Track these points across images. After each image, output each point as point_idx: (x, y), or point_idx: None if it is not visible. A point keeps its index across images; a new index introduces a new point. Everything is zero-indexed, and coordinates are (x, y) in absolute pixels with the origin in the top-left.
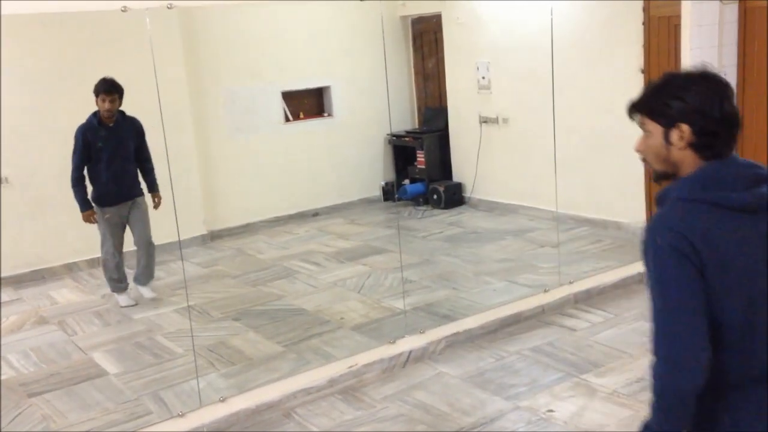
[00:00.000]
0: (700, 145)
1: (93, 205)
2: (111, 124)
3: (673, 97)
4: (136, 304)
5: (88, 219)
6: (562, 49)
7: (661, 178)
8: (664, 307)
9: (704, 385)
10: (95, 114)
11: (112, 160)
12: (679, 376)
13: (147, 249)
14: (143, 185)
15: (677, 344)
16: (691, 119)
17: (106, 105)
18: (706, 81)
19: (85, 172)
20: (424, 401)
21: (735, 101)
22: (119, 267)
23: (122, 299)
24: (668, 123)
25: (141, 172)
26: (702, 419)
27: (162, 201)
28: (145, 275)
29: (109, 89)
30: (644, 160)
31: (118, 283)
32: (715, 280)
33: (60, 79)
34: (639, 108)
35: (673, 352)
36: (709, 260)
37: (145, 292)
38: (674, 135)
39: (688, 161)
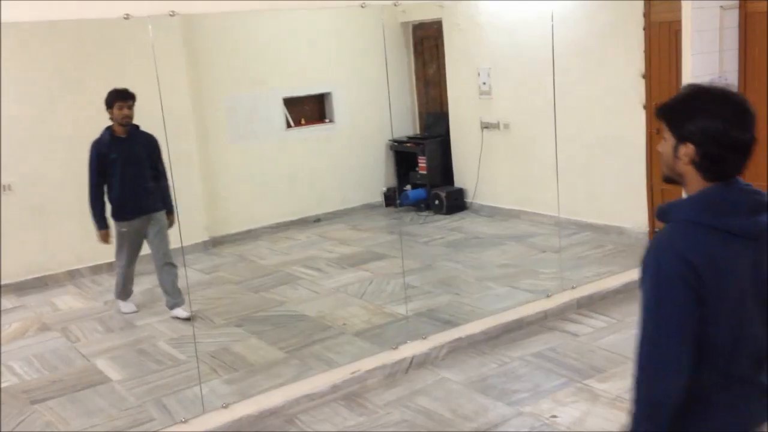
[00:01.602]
0: (703, 166)
1: (111, 219)
2: (124, 136)
3: (687, 115)
4: (138, 311)
5: (103, 239)
6: (562, 54)
7: (667, 181)
8: (656, 330)
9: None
10: (108, 128)
11: (125, 172)
12: (656, 392)
13: (169, 271)
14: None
15: (662, 366)
16: (698, 140)
17: (125, 111)
18: (726, 104)
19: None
20: (427, 407)
21: (754, 127)
22: (130, 279)
23: (124, 306)
24: (678, 138)
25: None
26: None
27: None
28: (175, 297)
29: (125, 96)
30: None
31: (125, 293)
32: (711, 307)
33: (62, 86)
34: (660, 114)
35: (657, 370)
36: (709, 288)
37: (180, 313)
38: (681, 150)
39: (691, 177)
